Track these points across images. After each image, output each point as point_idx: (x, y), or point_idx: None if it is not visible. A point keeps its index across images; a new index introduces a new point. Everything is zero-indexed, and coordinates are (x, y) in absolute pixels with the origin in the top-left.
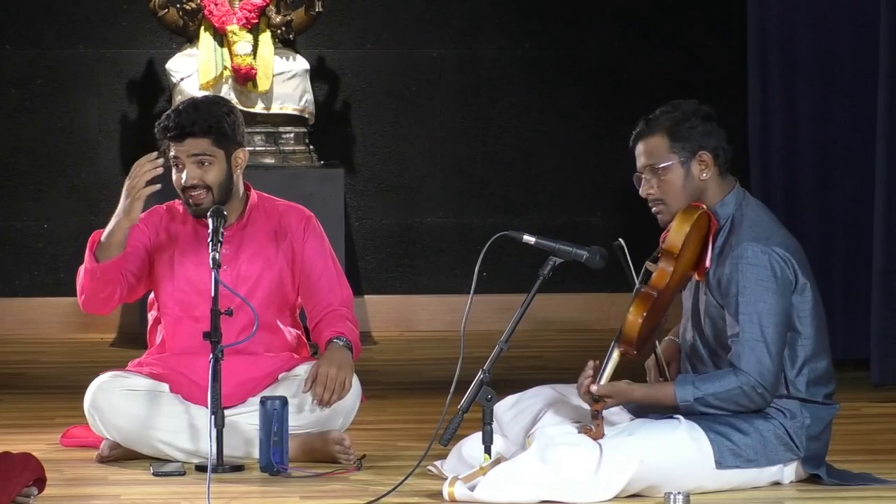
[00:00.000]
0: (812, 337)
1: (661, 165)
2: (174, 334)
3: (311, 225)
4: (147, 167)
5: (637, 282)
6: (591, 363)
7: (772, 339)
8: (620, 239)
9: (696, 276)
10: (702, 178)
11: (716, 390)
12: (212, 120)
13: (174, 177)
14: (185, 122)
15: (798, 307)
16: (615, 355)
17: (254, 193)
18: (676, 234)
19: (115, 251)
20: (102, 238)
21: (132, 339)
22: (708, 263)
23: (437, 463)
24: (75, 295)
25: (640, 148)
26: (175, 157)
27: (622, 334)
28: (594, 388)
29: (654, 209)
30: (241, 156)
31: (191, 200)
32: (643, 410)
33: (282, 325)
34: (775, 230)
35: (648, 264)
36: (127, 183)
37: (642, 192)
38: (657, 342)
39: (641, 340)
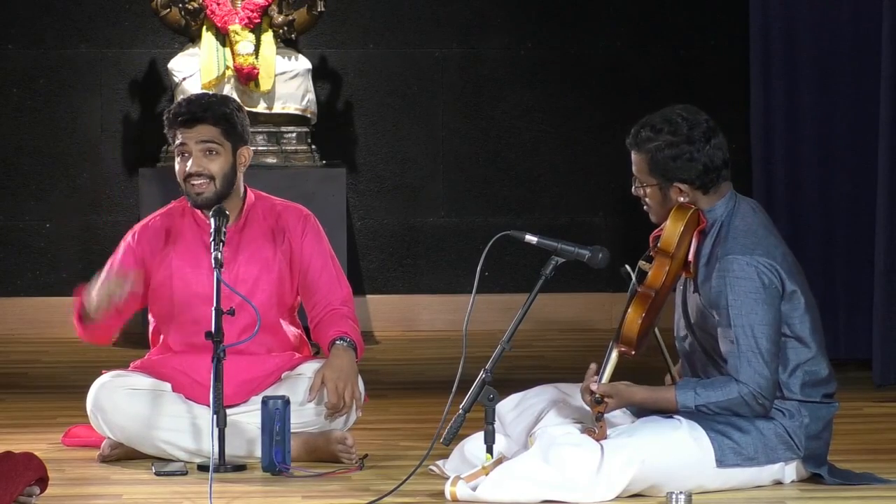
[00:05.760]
0: (805, 341)
1: (643, 183)
2: (172, 337)
3: (308, 223)
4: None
5: (634, 289)
6: (592, 365)
7: (766, 348)
8: (627, 265)
9: (684, 274)
10: (680, 200)
11: (717, 399)
12: (223, 110)
13: (177, 167)
14: (197, 108)
15: (787, 314)
16: (614, 356)
17: (251, 193)
18: (671, 233)
19: (102, 318)
20: (91, 312)
21: (134, 339)
22: (691, 257)
23: (440, 462)
24: (77, 294)
25: (632, 155)
26: (181, 145)
27: (621, 335)
28: (594, 385)
29: (644, 206)
30: (246, 154)
31: (192, 189)
32: (646, 412)
33: (283, 326)
34: (763, 238)
35: (642, 263)
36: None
37: (633, 191)
38: (657, 334)
39: (640, 340)
